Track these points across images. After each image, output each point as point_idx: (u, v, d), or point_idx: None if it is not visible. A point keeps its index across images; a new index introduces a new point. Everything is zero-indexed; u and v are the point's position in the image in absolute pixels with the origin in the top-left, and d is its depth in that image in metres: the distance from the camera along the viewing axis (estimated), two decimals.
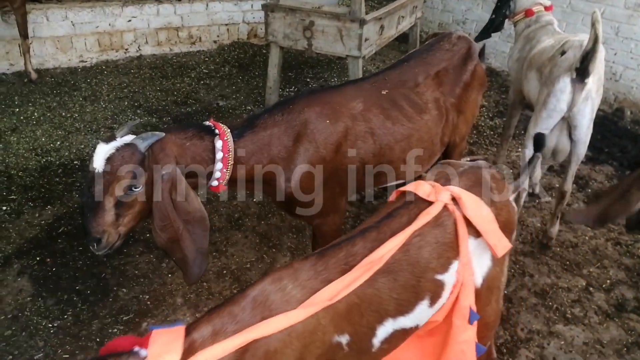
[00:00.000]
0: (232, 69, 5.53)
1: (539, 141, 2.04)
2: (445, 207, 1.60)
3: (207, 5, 6.03)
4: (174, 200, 1.75)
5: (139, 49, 5.69)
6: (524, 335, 2.56)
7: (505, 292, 2.81)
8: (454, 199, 1.62)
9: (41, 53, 5.11)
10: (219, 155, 1.93)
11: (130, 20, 5.60)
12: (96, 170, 1.68)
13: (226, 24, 6.20)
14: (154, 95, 4.79)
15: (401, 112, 2.43)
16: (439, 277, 1.56)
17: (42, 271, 2.79)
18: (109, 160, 1.69)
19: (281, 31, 4.39)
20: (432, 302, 1.57)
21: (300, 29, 4.28)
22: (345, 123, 2.25)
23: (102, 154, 1.70)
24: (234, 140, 1.99)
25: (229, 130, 2.01)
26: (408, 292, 1.51)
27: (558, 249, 3.16)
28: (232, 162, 1.97)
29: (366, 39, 4.17)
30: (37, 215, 3.18)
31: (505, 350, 2.47)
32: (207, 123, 2.02)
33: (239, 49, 6.04)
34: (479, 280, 1.67)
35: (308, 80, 5.40)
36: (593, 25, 2.46)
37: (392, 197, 1.79)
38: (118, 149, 1.71)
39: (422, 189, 1.65)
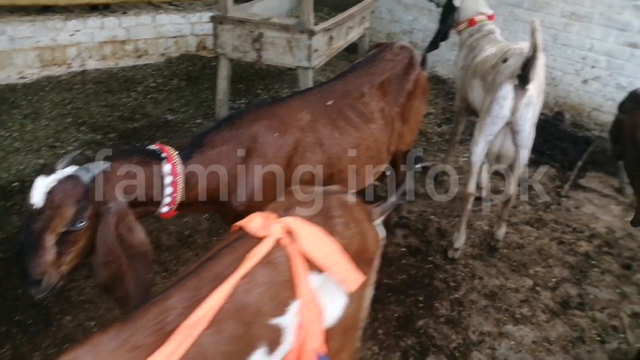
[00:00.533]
0: (181, 82, 5.45)
1: (417, 160, 2.09)
2: (277, 242, 1.43)
3: (153, 18, 5.92)
4: (120, 234, 1.67)
5: (83, 64, 5.51)
6: (476, 337, 2.61)
7: (456, 295, 2.87)
8: (289, 232, 1.46)
9: None
10: (168, 179, 1.88)
11: (73, 34, 5.42)
12: (36, 206, 1.58)
13: (174, 37, 6.10)
14: (98, 111, 4.65)
15: (348, 122, 2.46)
16: (275, 321, 1.39)
17: None
18: (50, 194, 1.59)
19: (230, 43, 4.36)
20: (271, 349, 1.39)
21: (250, 40, 4.26)
22: (294, 135, 2.25)
23: (42, 187, 1.60)
24: (182, 162, 1.95)
25: (176, 152, 1.96)
26: (237, 342, 1.31)
27: (505, 251, 3.26)
28: (182, 186, 1.92)
29: (315, 50, 4.19)
30: None
31: (458, 354, 2.51)
32: (153, 147, 1.96)
33: (187, 61, 5.95)
34: (330, 320, 1.52)
35: (258, 92, 5.38)
36: (533, 33, 2.56)
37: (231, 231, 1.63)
38: (59, 182, 1.61)
39: (253, 223, 1.47)
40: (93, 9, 5.93)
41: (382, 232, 1.77)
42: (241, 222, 1.53)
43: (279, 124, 2.24)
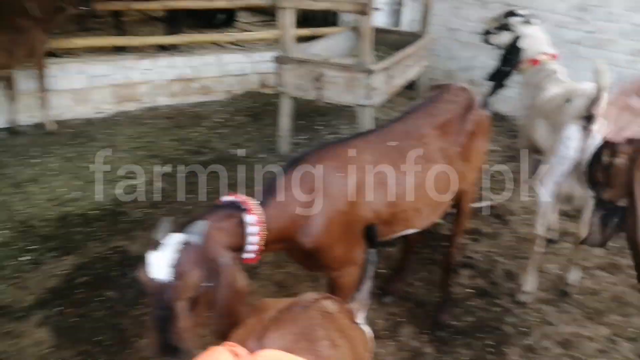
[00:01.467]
0: (244, 118, 5.67)
1: (372, 234, 2.06)
2: None
3: (218, 57, 6.24)
4: (231, 284, 1.75)
5: (154, 100, 5.85)
6: None
7: (528, 341, 2.78)
8: None
9: (59, 105, 5.25)
10: (253, 229, 1.96)
11: (145, 73, 5.79)
12: (160, 279, 1.61)
13: (237, 75, 6.39)
14: (168, 144, 4.90)
15: (409, 162, 2.50)
16: None
17: (61, 322, 2.79)
18: (174, 265, 1.62)
19: (292, 82, 4.53)
20: None
21: (311, 79, 4.41)
22: (358, 175, 2.31)
23: (160, 261, 1.63)
24: (261, 211, 2.03)
25: (254, 202, 2.04)
26: None
27: (578, 297, 3.14)
28: (265, 233, 2.01)
29: (374, 89, 4.29)
30: (56, 265, 3.20)
31: None
32: (232, 199, 2.05)
33: (250, 98, 6.20)
34: None
35: (318, 127, 5.52)
36: (598, 74, 2.55)
37: None
38: (179, 252, 1.64)
39: None
40: (163, 49, 6.34)
41: (368, 332, 1.63)
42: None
43: (343, 164, 2.31)
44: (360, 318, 1.51)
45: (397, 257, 3.31)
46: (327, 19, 7.54)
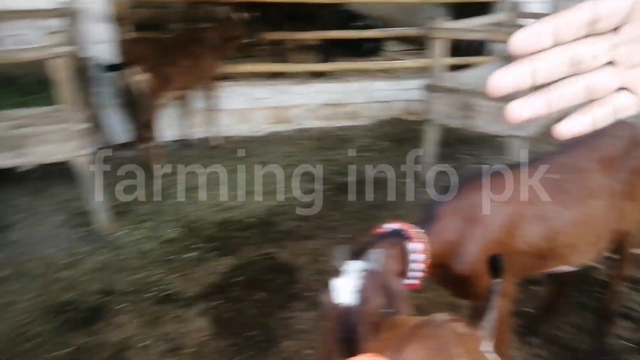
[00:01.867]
0: (388, 143, 5.82)
1: (498, 264, 1.81)
2: None
3: (365, 84, 6.51)
4: (404, 311, 1.83)
5: (305, 123, 6.28)
6: None
7: None
8: None
9: (224, 123, 5.89)
10: (418, 257, 2.04)
11: (298, 97, 6.25)
12: (346, 304, 1.72)
13: (383, 102, 6.59)
14: (317, 164, 5.22)
15: (569, 196, 2.39)
16: None
17: (219, 314, 3.12)
18: (358, 291, 1.73)
19: (440, 110, 4.56)
20: None
21: (460, 108, 4.41)
22: (515, 206, 2.28)
23: (347, 287, 1.74)
24: (425, 238, 2.10)
25: (417, 229, 2.12)
26: None
27: None
28: (429, 260, 2.08)
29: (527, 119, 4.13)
30: (217, 263, 3.59)
31: None
32: (395, 226, 2.11)
33: (394, 124, 6.35)
34: None
35: (462, 156, 5.45)
36: None
37: None
38: (363, 279, 1.75)
39: None
40: (315, 75, 6.79)
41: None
42: None
43: (501, 194, 2.29)
44: (487, 346, 1.48)
45: (546, 297, 3.14)
46: (473, 47, 7.46)
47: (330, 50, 7.42)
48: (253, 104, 6.08)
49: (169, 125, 5.46)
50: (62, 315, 3.15)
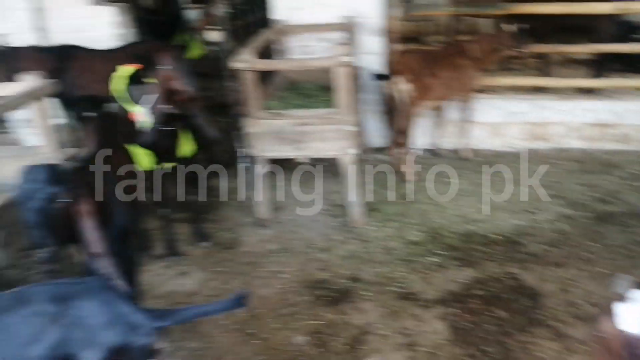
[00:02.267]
0: None
1: None
2: None
3: None
4: None
5: (564, 142, 5.80)
6: None
7: None
8: None
9: (476, 135, 5.85)
10: None
11: (560, 114, 5.79)
12: (634, 335, 1.62)
13: None
14: (574, 187, 4.79)
15: None
16: None
17: (457, 322, 3.17)
18: None
19: None
20: None
21: None
22: None
23: (634, 315, 1.64)
24: None
25: None
26: None
27: None
28: None
29: None
30: (457, 273, 3.65)
31: None
32: None
33: None
34: None
35: None
36: None
37: None
38: None
39: None
40: (582, 92, 6.18)
41: None
42: None
43: None
44: None
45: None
46: None
47: (604, 65, 6.65)
48: (508, 118, 5.88)
49: (421, 134, 5.69)
50: (316, 291, 3.63)
